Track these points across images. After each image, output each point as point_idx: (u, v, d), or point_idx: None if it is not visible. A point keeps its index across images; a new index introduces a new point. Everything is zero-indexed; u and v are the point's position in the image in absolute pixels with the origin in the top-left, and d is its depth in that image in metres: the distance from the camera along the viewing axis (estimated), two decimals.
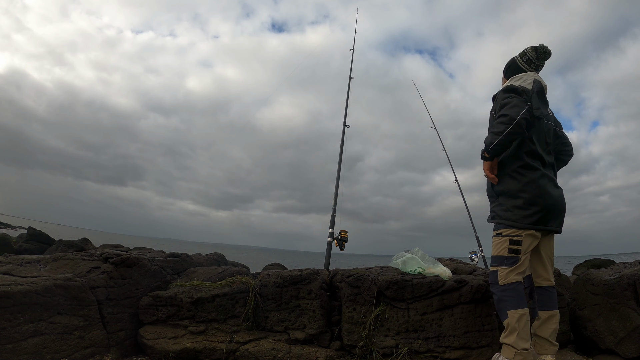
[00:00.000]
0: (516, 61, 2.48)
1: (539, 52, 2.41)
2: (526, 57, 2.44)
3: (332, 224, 3.76)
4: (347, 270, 2.93)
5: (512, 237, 2.21)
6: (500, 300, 2.16)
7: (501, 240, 2.24)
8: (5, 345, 2.10)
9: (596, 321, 2.44)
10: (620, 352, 2.29)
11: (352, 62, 5.11)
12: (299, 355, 2.52)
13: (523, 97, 2.21)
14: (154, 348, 2.67)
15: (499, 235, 2.27)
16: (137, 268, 2.96)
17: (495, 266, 2.24)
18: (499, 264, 2.23)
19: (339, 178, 4.09)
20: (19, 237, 8.81)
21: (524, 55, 2.45)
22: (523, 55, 2.45)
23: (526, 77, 2.34)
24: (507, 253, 2.20)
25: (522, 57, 2.46)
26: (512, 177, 2.27)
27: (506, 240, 2.22)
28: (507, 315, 2.10)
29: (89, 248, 6.19)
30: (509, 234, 2.22)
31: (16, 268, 2.72)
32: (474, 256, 5.14)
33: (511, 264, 2.18)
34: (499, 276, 2.19)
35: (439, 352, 2.44)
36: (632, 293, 2.29)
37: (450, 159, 6.17)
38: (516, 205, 2.22)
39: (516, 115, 2.12)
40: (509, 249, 2.20)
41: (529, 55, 2.43)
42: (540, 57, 2.42)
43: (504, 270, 2.19)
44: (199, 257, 4.28)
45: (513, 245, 2.20)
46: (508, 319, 2.10)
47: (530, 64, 2.43)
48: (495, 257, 2.26)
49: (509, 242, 2.21)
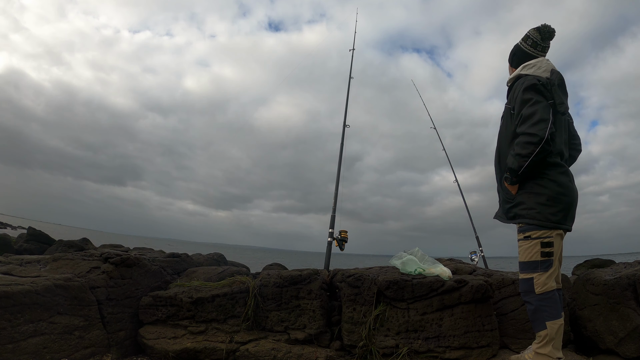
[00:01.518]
0: (521, 47, 2.34)
1: (542, 32, 2.27)
2: (530, 40, 2.30)
3: (332, 224, 3.76)
4: (347, 270, 2.93)
5: (543, 239, 2.04)
6: (538, 310, 2.00)
7: (532, 244, 2.06)
8: (5, 345, 2.10)
9: (596, 321, 2.44)
10: (620, 352, 2.28)
11: (352, 62, 5.11)
12: (299, 355, 2.52)
13: (545, 95, 2.07)
14: (154, 348, 2.67)
15: (527, 239, 2.08)
16: (137, 268, 2.96)
17: (528, 273, 2.06)
18: (532, 270, 2.04)
19: (339, 178, 4.09)
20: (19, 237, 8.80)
21: (528, 38, 2.31)
22: (527, 39, 2.31)
23: (539, 64, 2.20)
24: (540, 257, 2.03)
25: (526, 42, 2.31)
26: (534, 172, 2.09)
27: (537, 244, 2.04)
28: (545, 326, 1.97)
29: (89, 248, 6.18)
30: (539, 235, 2.04)
31: (16, 268, 2.72)
32: (474, 256, 5.14)
33: (546, 269, 2.02)
34: (535, 284, 2.02)
35: (439, 352, 2.44)
36: (632, 293, 2.29)
37: (449, 159, 6.17)
38: (539, 202, 2.07)
39: (544, 131, 1.96)
40: (541, 252, 2.03)
41: (532, 37, 2.29)
42: (544, 38, 2.28)
43: (540, 276, 2.02)
44: (199, 257, 4.28)
45: (545, 248, 2.03)
46: (547, 330, 1.97)
47: (536, 46, 2.28)
48: (527, 262, 2.06)
49: (540, 245, 2.03)
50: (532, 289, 2.03)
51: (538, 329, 2.02)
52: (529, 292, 2.05)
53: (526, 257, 2.08)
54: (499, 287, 2.78)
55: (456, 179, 6.01)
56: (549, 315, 1.98)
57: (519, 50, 2.37)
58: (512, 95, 2.23)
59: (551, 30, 2.28)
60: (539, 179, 2.10)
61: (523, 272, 2.10)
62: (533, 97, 2.07)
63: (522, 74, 2.23)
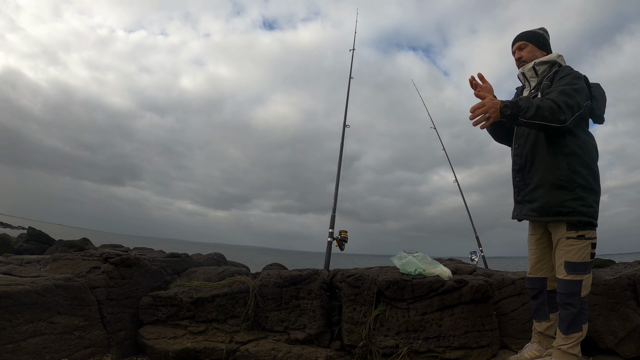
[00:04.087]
0: (546, 36, 2.27)
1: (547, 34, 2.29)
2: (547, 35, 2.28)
3: (332, 224, 3.75)
4: (347, 270, 2.93)
5: (593, 239, 1.96)
6: (581, 313, 1.93)
7: (585, 244, 1.95)
8: (5, 345, 2.10)
9: (596, 321, 2.44)
10: (620, 352, 2.28)
11: (352, 63, 5.11)
12: (299, 355, 2.52)
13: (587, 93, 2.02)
14: (154, 348, 2.67)
15: (581, 238, 1.95)
16: (137, 268, 2.96)
17: (579, 274, 1.94)
18: (582, 272, 1.93)
19: (339, 178, 4.08)
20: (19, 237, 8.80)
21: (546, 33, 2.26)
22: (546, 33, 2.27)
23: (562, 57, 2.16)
24: (590, 258, 1.95)
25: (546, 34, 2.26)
26: (590, 166, 2.00)
27: (589, 245, 1.95)
28: (581, 328, 1.94)
29: (89, 248, 6.18)
30: (591, 236, 1.96)
31: (16, 268, 2.72)
32: (474, 256, 5.14)
33: (591, 271, 1.98)
34: (583, 286, 1.93)
35: (439, 352, 2.44)
36: (632, 293, 2.29)
37: (449, 159, 6.16)
38: (597, 200, 1.99)
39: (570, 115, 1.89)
40: (591, 253, 1.95)
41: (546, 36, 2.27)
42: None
43: (588, 278, 1.95)
44: (199, 257, 4.28)
45: (593, 249, 1.96)
46: (581, 332, 1.94)
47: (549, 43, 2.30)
48: (579, 263, 1.94)
49: (591, 247, 1.95)
50: (578, 291, 1.93)
51: (573, 331, 1.94)
52: (574, 294, 1.93)
53: (578, 258, 1.94)
54: (499, 287, 2.78)
55: (456, 179, 6.01)
56: (585, 318, 1.96)
57: (546, 38, 2.28)
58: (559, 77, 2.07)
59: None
60: (595, 174, 2.01)
61: (573, 273, 1.94)
62: (583, 85, 2.00)
63: (560, 63, 2.16)
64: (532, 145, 2.11)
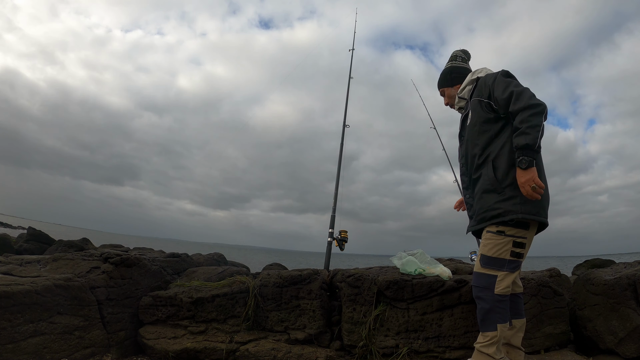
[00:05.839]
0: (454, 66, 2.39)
1: (467, 53, 2.45)
2: (460, 58, 2.43)
3: (332, 224, 3.75)
4: (347, 270, 2.93)
5: (516, 238, 1.92)
6: (492, 310, 1.91)
7: (504, 241, 1.92)
8: (5, 345, 2.10)
9: (596, 321, 2.44)
10: (620, 352, 2.29)
11: (351, 63, 5.10)
12: (299, 355, 2.52)
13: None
14: (154, 348, 2.67)
15: (500, 234, 1.93)
16: (137, 268, 2.96)
17: (491, 269, 1.93)
18: (498, 268, 1.92)
19: (338, 178, 4.08)
20: (19, 237, 8.81)
21: (457, 57, 2.43)
22: (456, 58, 2.42)
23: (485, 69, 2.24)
24: (509, 257, 1.92)
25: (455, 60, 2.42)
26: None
27: (510, 242, 1.92)
28: (496, 328, 1.90)
29: (89, 248, 6.18)
30: (513, 234, 1.92)
31: (16, 268, 2.72)
32: (474, 256, 5.12)
33: (513, 269, 1.93)
34: (497, 282, 1.91)
35: (439, 352, 2.44)
36: (632, 293, 2.29)
37: (449, 159, 6.15)
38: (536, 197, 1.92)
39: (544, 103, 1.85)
40: (512, 251, 1.91)
41: (461, 55, 2.43)
42: (469, 57, 2.45)
43: (505, 276, 1.91)
44: (199, 257, 4.28)
45: (517, 248, 1.92)
46: (497, 332, 1.90)
47: (467, 60, 2.44)
48: (494, 258, 1.93)
49: (512, 244, 1.92)
50: (491, 286, 1.91)
51: (487, 329, 1.93)
52: (486, 288, 1.93)
53: (494, 253, 1.93)
54: None
55: (456, 179, 5.99)
56: (501, 318, 1.91)
57: (454, 69, 2.39)
58: (481, 88, 2.12)
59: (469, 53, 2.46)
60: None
61: (486, 267, 1.95)
62: (515, 79, 2.02)
63: (479, 76, 2.21)
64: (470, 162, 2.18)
